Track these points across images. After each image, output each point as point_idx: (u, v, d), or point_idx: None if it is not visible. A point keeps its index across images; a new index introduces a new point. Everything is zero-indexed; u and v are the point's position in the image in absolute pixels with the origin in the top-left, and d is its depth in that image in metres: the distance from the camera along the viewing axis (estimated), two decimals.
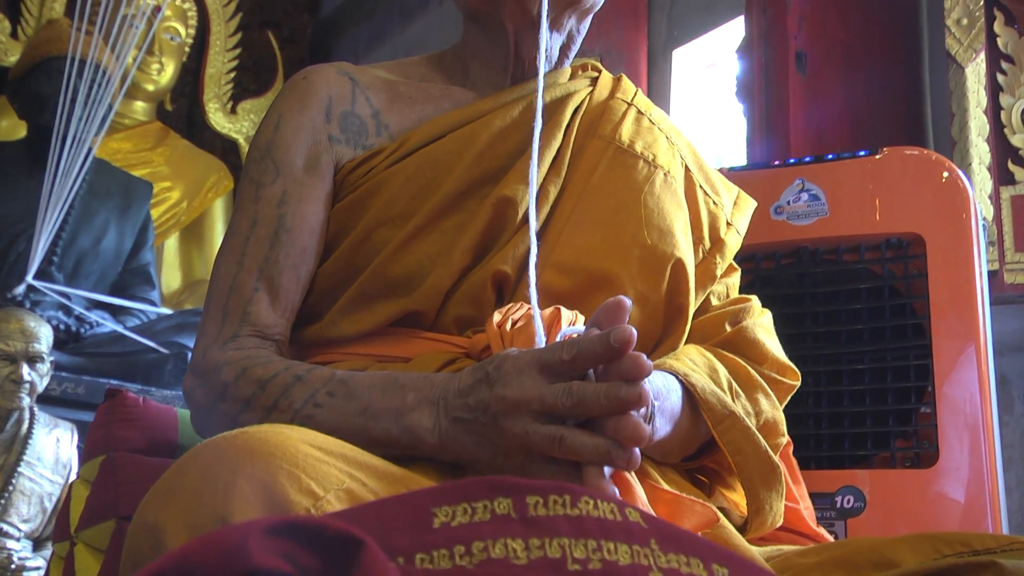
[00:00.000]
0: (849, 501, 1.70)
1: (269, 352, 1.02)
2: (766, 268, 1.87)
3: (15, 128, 4.40)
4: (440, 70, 1.19)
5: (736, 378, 1.08)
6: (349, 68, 1.15)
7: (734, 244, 1.19)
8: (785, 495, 1.04)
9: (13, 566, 2.72)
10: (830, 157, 1.89)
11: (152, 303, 4.18)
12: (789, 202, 1.84)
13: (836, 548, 0.86)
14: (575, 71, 1.20)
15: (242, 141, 5.20)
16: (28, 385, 2.81)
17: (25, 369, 2.79)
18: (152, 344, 3.70)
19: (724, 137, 3.43)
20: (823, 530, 1.14)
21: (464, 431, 0.83)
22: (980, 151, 2.21)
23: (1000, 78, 2.25)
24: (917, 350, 1.73)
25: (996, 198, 2.19)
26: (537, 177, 1.04)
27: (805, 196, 1.83)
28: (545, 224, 1.06)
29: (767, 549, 0.95)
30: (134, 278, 4.25)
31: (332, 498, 0.66)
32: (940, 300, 1.72)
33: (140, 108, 4.99)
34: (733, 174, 1.88)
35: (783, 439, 1.11)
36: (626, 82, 1.19)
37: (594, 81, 1.17)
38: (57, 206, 3.72)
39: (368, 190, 1.06)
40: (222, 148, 5.19)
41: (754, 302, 1.18)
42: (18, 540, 2.78)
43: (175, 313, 4.10)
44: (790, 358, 1.17)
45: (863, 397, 1.76)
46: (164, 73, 5.00)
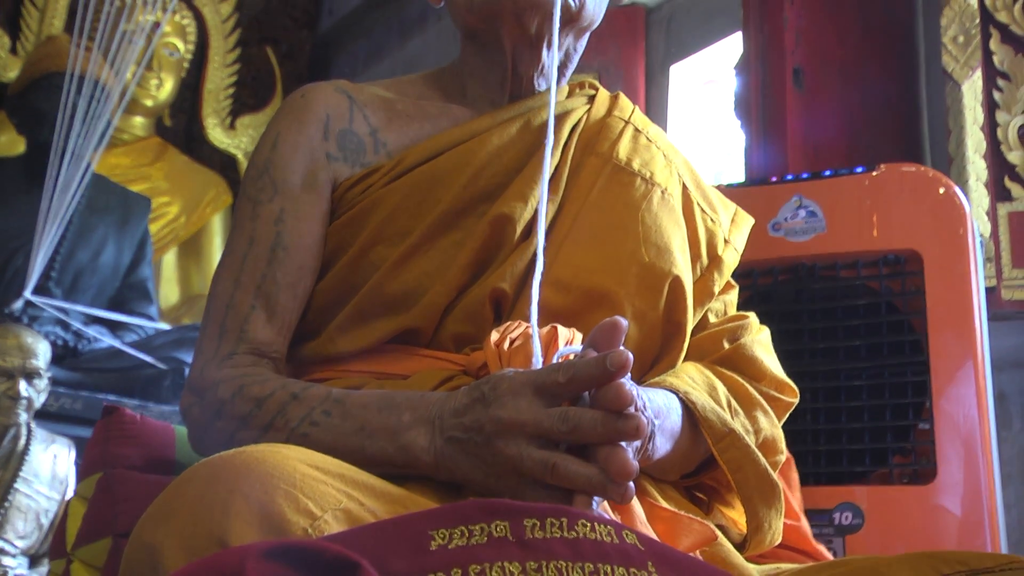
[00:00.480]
0: (847, 518, 1.69)
1: (266, 370, 1.01)
2: (764, 284, 1.87)
3: (13, 143, 4.40)
4: (437, 88, 1.19)
5: (735, 396, 1.08)
6: (347, 86, 1.15)
7: (732, 261, 1.19)
8: (785, 512, 1.04)
9: None
10: (827, 173, 1.89)
11: (150, 318, 4.17)
12: (787, 218, 1.84)
13: (834, 567, 0.86)
14: (572, 89, 1.20)
15: (240, 156, 5.20)
16: (25, 401, 2.80)
17: (22, 385, 2.79)
18: (150, 359, 3.69)
19: (722, 153, 3.44)
20: (822, 547, 1.14)
21: (459, 451, 0.83)
22: (977, 168, 2.21)
23: (996, 95, 2.26)
24: (915, 366, 1.73)
25: (993, 214, 2.19)
26: (537, 195, 1.05)
27: (803, 212, 1.83)
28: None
29: (766, 567, 0.95)
30: (132, 293, 4.25)
31: (330, 518, 0.66)
32: (938, 316, 1.72)
33: (139, 123, 4.99)
34: (731, 190, 1.89)
35: (782, 456, 1.11)
36: (623, 100, 1.19)
37: (591, 99, 1.18)
38: (55, 221, 3.72)
39: (366, 208, 1.06)
40: (220, 163, 5.19)
41: (752, 319, 1.18)
42: (14, 557, 2.77)
43: (173, 328, 4.09)
44: (788, 374, 1.16)
45: (861, 413, 1.76)
46: (163, 88, 5.00)
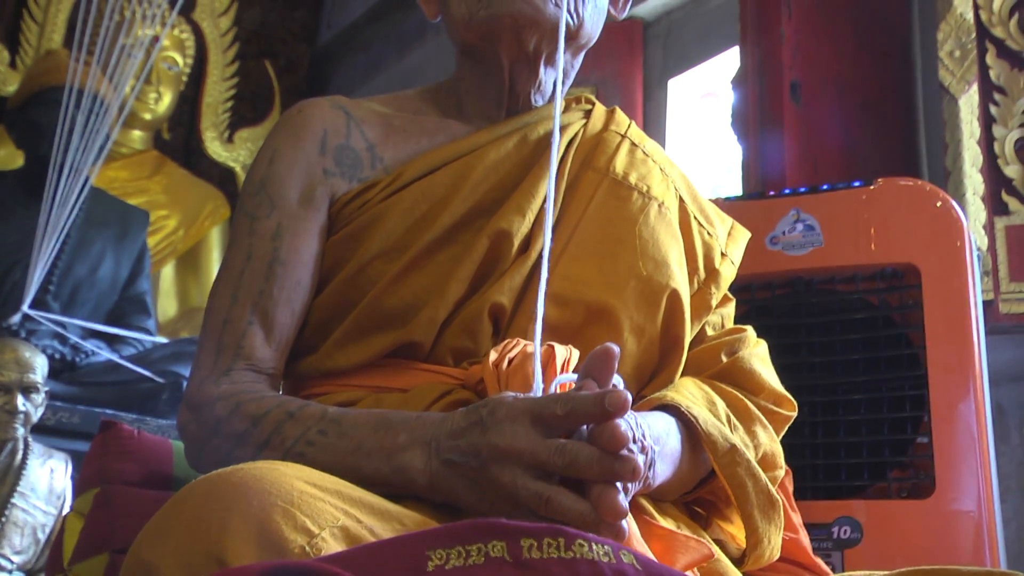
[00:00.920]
0: (846, 532, 1.69)
1: (263, 386, 1.01)
2: (761, 298, 1.87)
3: (12, 157, 4.41)
4: (434, 103, 1.20)
5: (734, 411, 1.07)
6: (344, 102, 1.16)
7: (729, 275, 1.19)
8: (785, 525, 1.04)
9: None
10: (825, 188, 1.89)
11: (148, 332, 4.16)
12: (784, 232, 1.85)
13: None
14: (569, 104, 1.20)
15: (239, 170, 5.21)
16: (23, 415, 2.80)
17: (20, 399, 2.78)
18: (148, 373, 3.68)
19: (720, 167, 3.44)
20: (820, 561, 1.13)
21: (454, 474, 0.83)
22: (974, 181, 2.22)
23: (993, 109, 2.26)
24: (913, 380, 1.73)
25: (990, 228, 2.20)
26: (534, 209, 1.05)
27: (800, 226, 1.84)
28: (541, 256, 1.06)
29: None
30: (130, 307, 4.24)
31: (327, 535, 0.66)
32: (935, 330, 1.72)
33: (137, 137, 5.00)
34: (729, 204, 1.89)
35: (781, 471, 1.11)
36: (619, 114, 1.20)
37: (588, 114, 1.18)
38: (53, 235, 3.71)
39: (363, 223, 1.06)
40: (219, 176, 5.19)
41: (749, 332, 1.18)
42: (11, 572, 2.76)
43: (171, 342, 4.08)
44: (786, 388, 1.16)
45: (859, 427, 1.76)
46: (161, 102, 5.01)
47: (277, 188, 1.08)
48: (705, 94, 3.48)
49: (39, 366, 2.87)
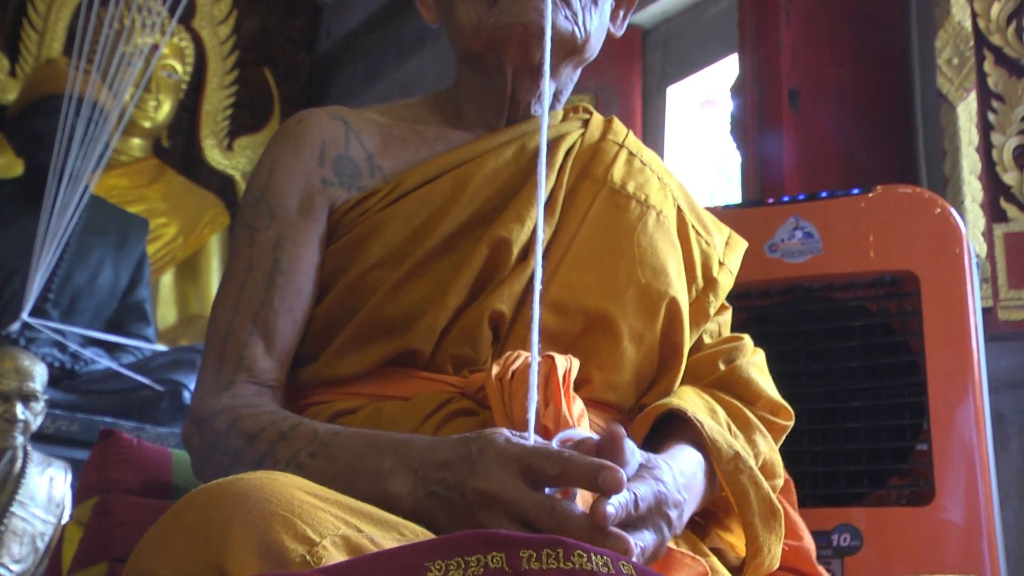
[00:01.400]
0: (846, 539, 1.69)
1: (264, 399, 1.01)
2: (760, 305, 1.87)
3: (12, 165, 4.41)
4: (434, 112, 1.20)
5: (733, 419, 1.08)
6: (342, 111, 1.16)
7: (727, 283, 1.19)
8: (786, 533, 1.04)
9: None
10: (824, 195, 1.89)
11: (147, 340, 4.16)
12: (783, 240, 1.85)
13: None
14: (567, 113, 1.21)
15: (238, 177, 5.21)
16: (22, 424, 2.79)
17: (19, 408, 2.78)
18: (147, 381, 3.68)
19: (718, 174, 3.45)
20: (822, 569, 1.13)
21: (438, 506, 0.81)
22: (972, 189, 2.22)
23: (991, 116, 2.27)
24: (912, 387, 1.73)
25: (989, 235, 2.20)
26: (533, 217, 1.05)
27: (799, 234, 1.84)
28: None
29: None
30: (130, 315, 4.24)
31: (328, 544, 0.66)
32: (935, 337, 1.72)
33: (137, 145, 5.00)
34: (727, 211, 1.89)
35: (780, 480, 1.11)
36: (617, 124, 1.20)
37: (585, 123, 1.18)
38: (53, 243, 3.71)
39: (363, 232, 1.07)
40: (218, 184, 5.19)
41: (746, 340, 1.19)
42: None
43: (170, 350, 4.08)
44: (784, 396, 1.17)
45: (858, 435, 1.75)
46: (161, 110, 5.01)
47: (276, 199, 1.08)
48: (704, 101, 3.49)
49: (38, 374, 2.87)
